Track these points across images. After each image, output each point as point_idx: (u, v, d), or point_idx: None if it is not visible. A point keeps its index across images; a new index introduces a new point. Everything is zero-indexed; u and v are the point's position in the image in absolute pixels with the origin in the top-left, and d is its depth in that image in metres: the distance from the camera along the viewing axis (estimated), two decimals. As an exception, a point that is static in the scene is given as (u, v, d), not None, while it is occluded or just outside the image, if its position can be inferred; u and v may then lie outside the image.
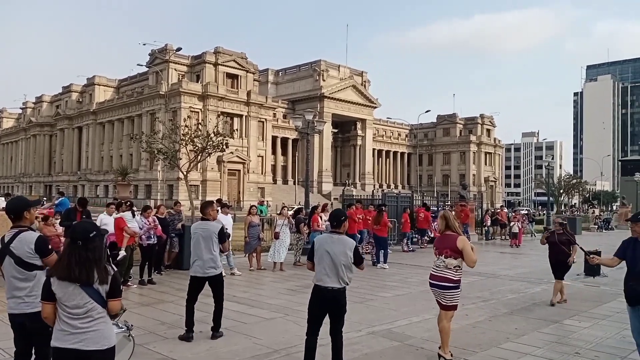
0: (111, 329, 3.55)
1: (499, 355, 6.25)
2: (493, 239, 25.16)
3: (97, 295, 3.40)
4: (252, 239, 13.38)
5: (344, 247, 5.23)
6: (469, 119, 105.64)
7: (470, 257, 5.78)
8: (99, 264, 3.44)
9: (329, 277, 5.19)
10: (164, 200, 52.56)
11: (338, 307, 5.27)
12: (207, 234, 6.81)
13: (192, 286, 6.87)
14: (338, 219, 5.44)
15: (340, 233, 5.38)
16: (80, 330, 3.37)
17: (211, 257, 6.78)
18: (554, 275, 9.68)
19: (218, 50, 66.77)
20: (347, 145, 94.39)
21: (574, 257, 9.53)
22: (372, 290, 10.64)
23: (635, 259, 5.29)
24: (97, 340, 3.39)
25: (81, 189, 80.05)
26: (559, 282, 9.52)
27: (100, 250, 3.51)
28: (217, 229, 6.88)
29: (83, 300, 3.37)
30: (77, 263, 3.38)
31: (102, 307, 3.43)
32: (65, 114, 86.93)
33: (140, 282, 10.84)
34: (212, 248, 6.78)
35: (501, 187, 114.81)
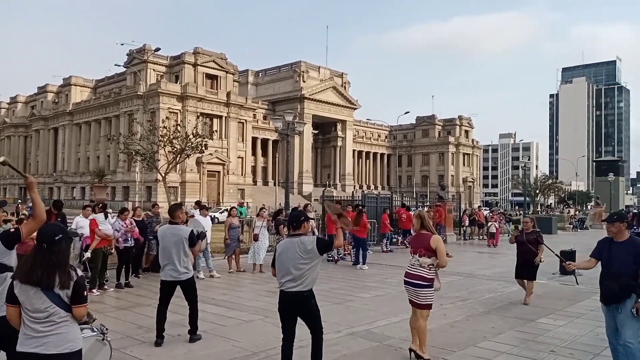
0: (76, 333, 3.45)
1: (476, 354, 6.32)
2: (471, 239, 25.45)
3: (58, 300, 3.31)
4: (232, 241, 13.30)
5: (304, 245, 4.99)
6: (447, 121, 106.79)
7: (442, 256, 5.88)
8: (62, 267, 3.35)
9: (292, 282, 5.03)
10: (142, 202, 51.90)
11: (306, 310, 5.14)
12: (177, 238, 6.69)
13: (163, 291, 6.78)
14: (297, 220, 5.22)
15: (300, 235, 5.15)
16: (41, 334, 3.30)
17: (181, 262, 6.68)
18: (520, 274, 9.70)
19: (197, 51, 66.24)
20: (328, 147, 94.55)
21: (541, 257, 9.66)
22: (351, 291, 10.66)
23: (610, 259, 5.36)
24: (59, 344, 3.30)
25: (57, 191, 78.62)
26: (532, 282, 9.62)
27: (64, 254, 3.43)
28: (187, 233, 6.78)
29: (44, 305, 3.29)
30: (39, 266, 3.30)
31: (65, 311, 3.34)
32: (40, 115, 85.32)
33: (117, 286, 10.68)
34: (182, 252, 6.68)
35: (479, 187, 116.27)
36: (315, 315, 5.19)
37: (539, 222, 33.59)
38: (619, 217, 5.53)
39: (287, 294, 5.08)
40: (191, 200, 38.79)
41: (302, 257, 4.98)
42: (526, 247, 9.61)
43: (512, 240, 10.19)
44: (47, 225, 3.68)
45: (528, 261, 9.58)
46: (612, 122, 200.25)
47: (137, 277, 11.77)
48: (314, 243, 5.00)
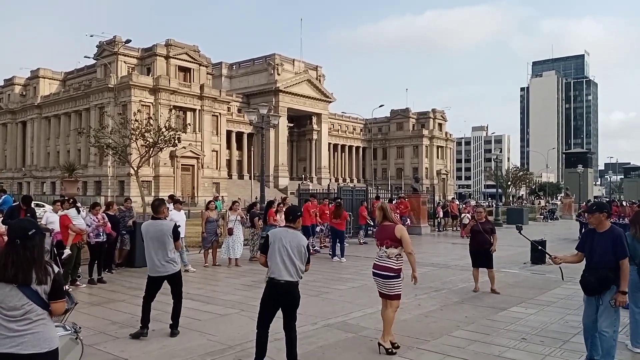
0: (53, 331, 3.39)
1: (450, 343, 6.42)
2: (445, 230, 25.80)
3: (35, 297, 3.24)
4: (209, 235, 13.20)
5: (299, 242, 5.32)
6: (421, 114, 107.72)
7: (408, 244, 5.97)
8: (37, 263, 3.28)
9: (285, 271, 5.22)
10: (115, 196, 51.09)
11: (292, 300, 5.32)
12: (161, 233, 6.69)
13: (150, 286, 6.76)
14: (294, 214, 5.53)
15: (294, 228, 5.44)
16: (18, 333, 3.21)
17: (167, 256, 6.69)
18: (479, 264, 9.84)
19: (169, 43, 65.24)
20: (303, 140, 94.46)
21: (495, 246, 9.89)
22: (327, 283, 10.71)
23: (592, 250, 5.36)
24: (36, 343, 3.23)
25: (26, 186, 76.70)
26: (492, 270, 9.83)
27: (39, 249, 3.36)
28: (170, 227, 6.79)
29: (21, 302, 3.21)
30: (13, 263, 3.22)
31: (42, 308, 3.27)
32: (7, 108, 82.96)
33: (89, 281, 10.51)
34: (167, 247, 6.68)
35: (453, 179, 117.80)
36: (297, 307, 5.38)
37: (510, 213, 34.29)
38: (598, 207, 5.48)
39: (277, 283, 5.24)
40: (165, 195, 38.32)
41: (297, 250, 5.25)
42: (482, 237, 9.75)
43: (467, 233, 10.47)
44: (18, 221, 3.57)
45: (484, 250, 9.73)
46: (581, 115, 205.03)
47: (110, 272, 11.59)
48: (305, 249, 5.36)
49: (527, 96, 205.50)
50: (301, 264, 5.31)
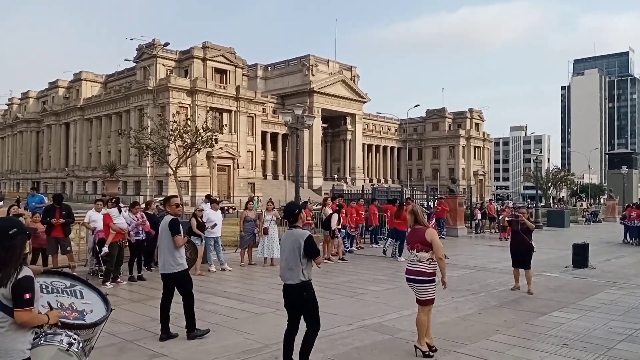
0: (16, 343, 3.08)
1: (488, 347, 6.29)
2: (482, 232, 25.33)
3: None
4: (246, 234, 13.35)
5: (297, 241, 5.17)
6: (457, 114, 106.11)
7: (438, 248, 5.86)
8: (9, 264, 3.06)
9: (286, 274, 5.22)
10: (154, 196, 52.26)
11: (299, 303, 5.21)
12: (162, 229, 6.68)
13: (163, 284, 6.73)
14: (292, 214, 5.37)
15: (296, 227, 5.34)
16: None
17: (170, 254, 6.56)
18: (517, 264, 10.00)
19: (206, 45, 66.33)
20: (337, 140, 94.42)
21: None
22: (362, 284, 10.66)
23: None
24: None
25: (69, 186, 79.35)
26: (529, 271, 9.89)
27: (17, 249, 3.14)
28: (166, 222, 6.66)
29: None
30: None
31: (5, 314, 3.02)
32: (52, 110, 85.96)
33: (130, 279, 10.77)
34: (170, 244, 6.55)
35: (490, 180, 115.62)
36: (310, 308, 5.23)
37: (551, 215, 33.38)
38: None
39: (284, 285, 5.29)
40: (202, 194, 38.98)
41: (294, 250, 5.16)
42: (520, 237, 9.89)
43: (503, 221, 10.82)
44: (1, 220, 3.40)
45: (523, 251, 9.87)
46: (625, 114, 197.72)
47: (149, 270, 11.86)
48: (304, 244, 5.13)
49: (568, 95, 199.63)
50: (300, 264, 5.12)
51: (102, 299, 4.54)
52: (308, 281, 5.18)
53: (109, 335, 6.55)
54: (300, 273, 5.13)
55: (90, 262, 11.44)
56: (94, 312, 4.31)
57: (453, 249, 16.92)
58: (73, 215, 11.11)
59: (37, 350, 3.42)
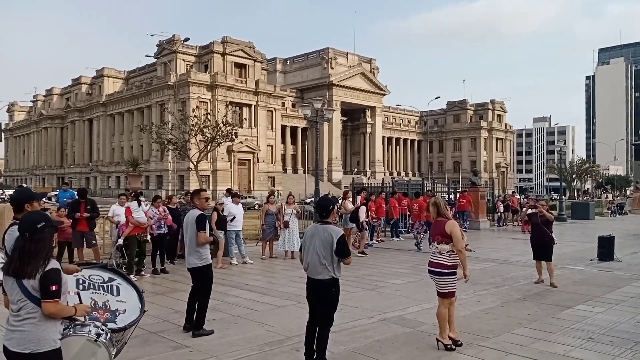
0: (44, 332, 3.19)
1: (512, 340, 6.22)
2: (505, 225, 25.03)
3: (27, 292, 3.14)
4: (267, 227, 13.42)
5: (329, 238, 5.07)
6: (479, 105, 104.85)
7: (458, 241, 5.79)
8: (37, 257, 3.18)
9: (314, 269, 5.14)
10: (175, 190, 52.85)
11: (323, 299, 5.17)
12: (188, 223, 6.62)
13: (192, 277, 6.70)
14: (326, 209, 5.28)
15: (328, 222, 5.26)
16: (12, 327, 3.18)
17: (190, 247, 6.52)
18: (538, 256, 9.92)
19: (225, 40, 66.64)
20: (357, 133, 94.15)
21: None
22: (383, 277, 10.64)
23: None
24: (20, 342, 3.13)
25: (93, 181, 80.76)
26: (550, 264, 9.79)
27: (45, 242, 3.25)
28: (193, 216, 6.57)
29: (17, 297, 3.16)
30: (19, 256, 3.19)
31: (36, 305, 3.15)
32: (75, 106, 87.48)
33: (153, 272, 10.92)
34: (193, 238, 6.49)
35: (513, 172, 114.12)
36: (333, 305, 5.19)
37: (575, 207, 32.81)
38: None
39: (309, 280, 5.24)
40: (223, 188, 39.29)
41: (327, 247, 5.07)
42: (541, 229, 9.80)
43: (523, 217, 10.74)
44: (28, 214, 3.49)
45: (544, 243, 9.78)
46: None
47: (172, 263, 12.01)
48: (336, 243, 5.04)
49: (593, 85, 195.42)
50: (332, 261, 5.07)
51: (139, 296, 4.55)
52: (337, 278, 5.16)
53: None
54: (332, 269, 5.08)
55: (115, 255, 11.63)
56: (127, 312, 4.35)
57: (475, 241, 16.74)
58: (98, 209, 11.29)
59: (66, 340, 3.51)
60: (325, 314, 5.20)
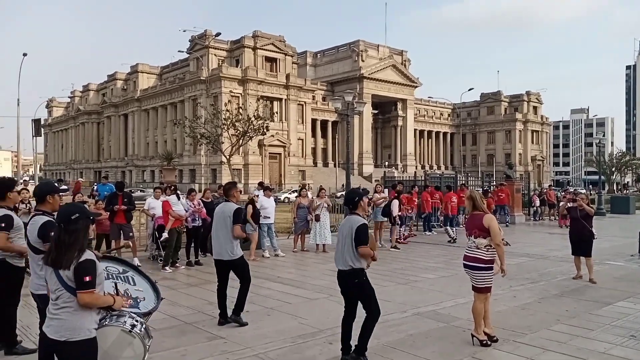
0: (79, 322, 3.27)
1: (549, 337, 6.08)
2: (541, 220, 24.48)
3: (63, 282, 3.23)
4: (299, 220, 13.48)
5: (351, 227, 5.14)
6: (514, 97, 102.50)
7: (496, 234, 5.70)
8: (72, 247, 3.25)
9: (338, 259, 5.25)
10: (208, 184, 53.58)
11: (349, 289, 5.21)
12: (223, 215, 6.59)
13: (216, 269, 6.74)
14: (352, 202, 5.36)
15: (356, 214, 5.30)
16: (51, 315, 3.29)
17: (226, 240, 6.51)
18: (577, 252, 9.66)
19: (256, 34, 66.98)
20: (388, 126, 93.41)
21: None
22: (415, 271, 10.55)
23: None
24: (57, 330, 3.23)
25: (129, 175, 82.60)
26: (590, 259, 9.53)
27: (79, 233, 3.32)
28: (231, 210, 6.55)
29: (55, 286, 3.27)
30: (55, 246, 3.29)
31: (72, 294, 3.23)
32: (111, 102, 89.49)
33: (187, 264, 11.12)
34: (227, 230, 6.51)
35: (549, 166, 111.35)
36: (365, 295, 5.18)
37: (615, 201, 31.87)
38: None
39: (338, 272, 5.31)
40: (254, 182, 39.62)
41: (348, 236, 5.15)
42: (580, 224, 9.52)
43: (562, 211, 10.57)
44: (65, 205, 3.58)
45: (583, 238, 9.50)
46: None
47: (205, 255, 12.19)
48: (355, 229, 5.08)
49: (633, 75, 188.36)
50: (352, 251, 5.07)
51: (152, 287, 4.66)
52: (358, 268, 5.13)
53: (170, 317, 6.80)
54: (350, 260, 5.10)
55: (150, 247, 11.89)
56: (146, 300, 4.47)
57: (510, 236, 16.42)
58: (134, 202, 11.53)
59: (102, 330, 3.58)
60: (365, 306, 5.17)
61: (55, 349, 3.24)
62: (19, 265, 5.35)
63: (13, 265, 5.31)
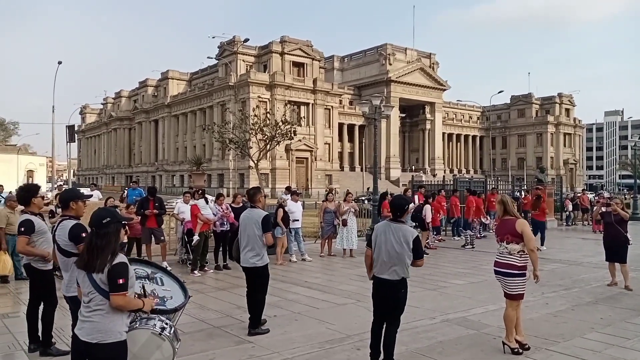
0: (112, 324, 3.32)
1: (583, 345, 5.92)
2: (574, 225, 23.89)
3: (96, 285, 3.29)
4: (326, 225, 13.47)
5: (403, 238, 4.96)
6: (545, 99, 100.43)
7: (530, 240, 5.57)
8: (105, 251, 3.32)
9: (384, 269, 5.03)
10: (236, 188, 54.18)
11: (393, 300, 5.06)
12: (251, 222, 6.46)
13: (246, 277, 6.61)
14: (402, 209, 5.16)
15: (401, 222, 5.13)
16: (83, 318, 3.35)
17: (253, 247, 6.40)
18: (611, 258, 9.40)
19: (284, 40, 67.48)
20: (416, 130, 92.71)
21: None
22: (444, 277, 10.42)
23: None
24: (90, 332, 3.28)
25: (159, 179, 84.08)
26: (625, 266, 9.25)
27: (110, 237, 3.38)
28: (260, 216, 6.44)
29: (88, 289, 3.32)
30: (88, 250, 3.35)
31: (104, 298, 3.29)
32: (142, 108, 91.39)
33: (216, 267, 11.23)
34: (254, 237, 6.39)
35: (582, 169, 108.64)
36: (396, 306, 5.08)
37: (651, 207, 30.68)
38: None
39: (379, 281, 5.12)
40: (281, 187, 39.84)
41: (397, 247, 4.97)
42: (615, 229, 9.25)
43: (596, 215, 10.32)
44: (97, 210, 3.63)
45: (618, 243, 9.22)
46: None
47: (233, 260, 12.27)
48: (412, 244, 4.96)
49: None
50: (403, 262, 4.97)
51: (181, 286, 4.73)
52: (406, 279, 5.07)
53: (199, 321, 6.87)
54: (402, 270, 4.99)
55: (180, 251, 12.05)
56: (173, 298, 4.53)
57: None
58: (165, 206, 11.71)
59: (132, 333, 3.65)
60: (391, 315, 5.10)
61: (87, 351, 3.30)
62: (44, 269, 5.52)
63: (38, 269, 5.49)
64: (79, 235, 4.31)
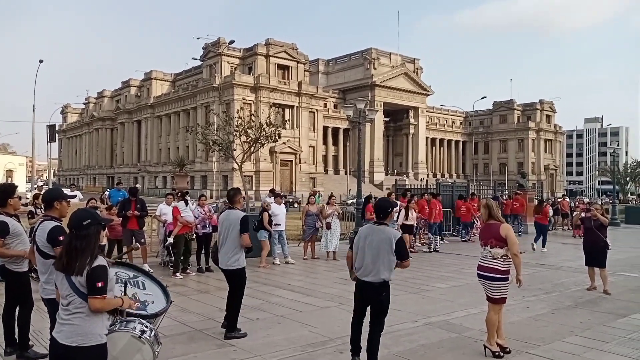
0: (91, 327, 3.26)
1: (563, 349, 5.99)
2: (554, 230, 24.20)
3: (75, 287, 3.23)
4: (307, 228, 13.46)
5: (387, 239, 4.97)
6: (527, 105, 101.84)
7: (514, 244, 5.61)
8: (84, 253, 3.26)
9: (367, 271, 5.03)
10: (220, 190, 53.85)
11: (377, 303, 5.07)
12: (228, 223, 6.38)
13: (227, 279, 6.55)
14: (384, 211, 5.17)
15: (385, 224, 5.14)
16: (61, 321, 3.29)
17: (230, 248, 6.32)
18: (591, 262, 9.55)
19: (269, 42, 67.39)
20: (400, 134, 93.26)
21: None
22: (427, 280, 10.47)
23: None
24: (69, 335, 3.22)
25: (141, 180, 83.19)
26: (604, 270, 9.38)
27: (90, 239, 3.33)
28: (238, 217, 6.33)
29: (66, 291, 3.26)
30: (67, 252, 3.29)
31: (83, 300, 3.23)
32: (125, 108, 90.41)
33: (198, 270, 11.13)
34: (232, 238, 6.32)
35: (562, 175, 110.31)
36: (379, 309, 5.09)
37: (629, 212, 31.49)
38: None
39: (361, 282, 5.13)
40: (265, 189, 39.76)
41: (384, 249, 4.98)
42: (595, 234, 9.42)
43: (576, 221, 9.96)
44: (77, 211, 3.55)
45: (597, 248, 9.40)
46: None
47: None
48: (395, 245, 4.96)
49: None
50: (387, 264, 4.98)
51: (163, 291, 4.67)
52: (388, 282, 5.06)
53: (180, 324, 6.80)
54: (383, 272, 4.98)
55: (162, 253, 11.92)
56: (155, 303, 4.47)
57: (523, 246, 16.24)
58: (147, 208, 11.58)
59: (112, 336, 3.60)
60: (375, 318, 5.11)
61: (66, 355, 3.24)
62: (19, 271, 5.39)
63: (13, 271, 5.36)
64: (56, 239, 4.20)
